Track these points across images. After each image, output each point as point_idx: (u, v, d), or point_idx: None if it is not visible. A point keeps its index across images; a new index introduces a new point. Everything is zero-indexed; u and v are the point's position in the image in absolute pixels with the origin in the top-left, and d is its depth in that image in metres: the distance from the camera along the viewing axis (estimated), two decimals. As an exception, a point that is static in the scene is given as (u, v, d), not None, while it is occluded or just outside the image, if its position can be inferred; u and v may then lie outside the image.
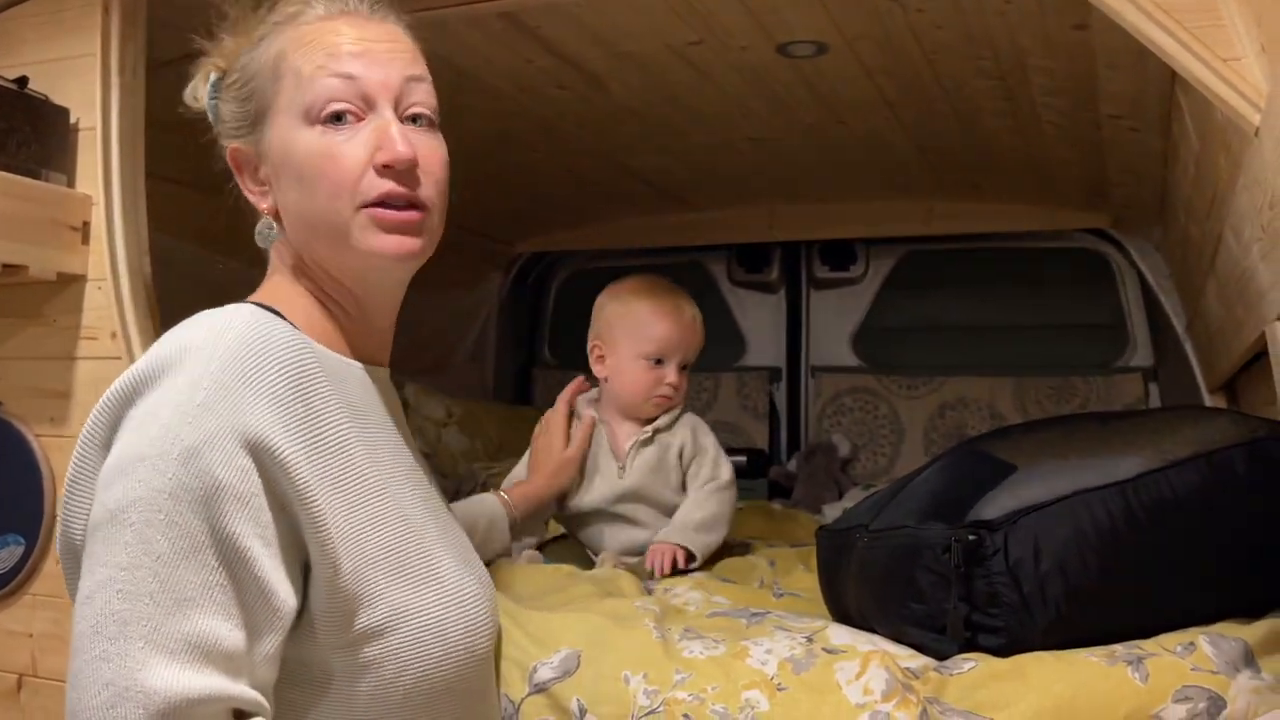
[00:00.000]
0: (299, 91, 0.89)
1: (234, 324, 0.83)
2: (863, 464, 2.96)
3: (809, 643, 1.08)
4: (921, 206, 2.76)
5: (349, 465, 0.84)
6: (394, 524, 0.85)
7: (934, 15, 1.53)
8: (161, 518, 0.73)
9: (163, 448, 0.74)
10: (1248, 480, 1.06)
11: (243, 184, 0.95)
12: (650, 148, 2.35)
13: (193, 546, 0.73)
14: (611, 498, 1.63)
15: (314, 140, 0.89)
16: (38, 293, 1.43)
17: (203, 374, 0.77)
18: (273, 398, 0.79)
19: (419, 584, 0.85)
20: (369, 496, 0.84)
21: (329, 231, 0.90)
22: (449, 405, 2.72)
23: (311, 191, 0.89)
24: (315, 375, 0.84)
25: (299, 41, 0.91)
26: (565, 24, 1.63)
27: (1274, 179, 0.95)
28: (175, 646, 0.71)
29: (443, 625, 0.85)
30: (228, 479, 0.75)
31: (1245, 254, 1.25)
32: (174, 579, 0.72)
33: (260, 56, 0.92)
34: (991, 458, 1.17)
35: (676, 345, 1.62)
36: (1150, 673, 0.97)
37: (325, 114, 0.88)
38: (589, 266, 3.29)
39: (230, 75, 0.95)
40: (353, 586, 0.80)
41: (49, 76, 1.44)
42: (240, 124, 0.94)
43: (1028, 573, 1.03)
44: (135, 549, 0.72)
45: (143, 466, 0.74)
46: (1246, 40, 0.95)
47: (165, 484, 0.73)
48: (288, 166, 0.90)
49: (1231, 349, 1.67)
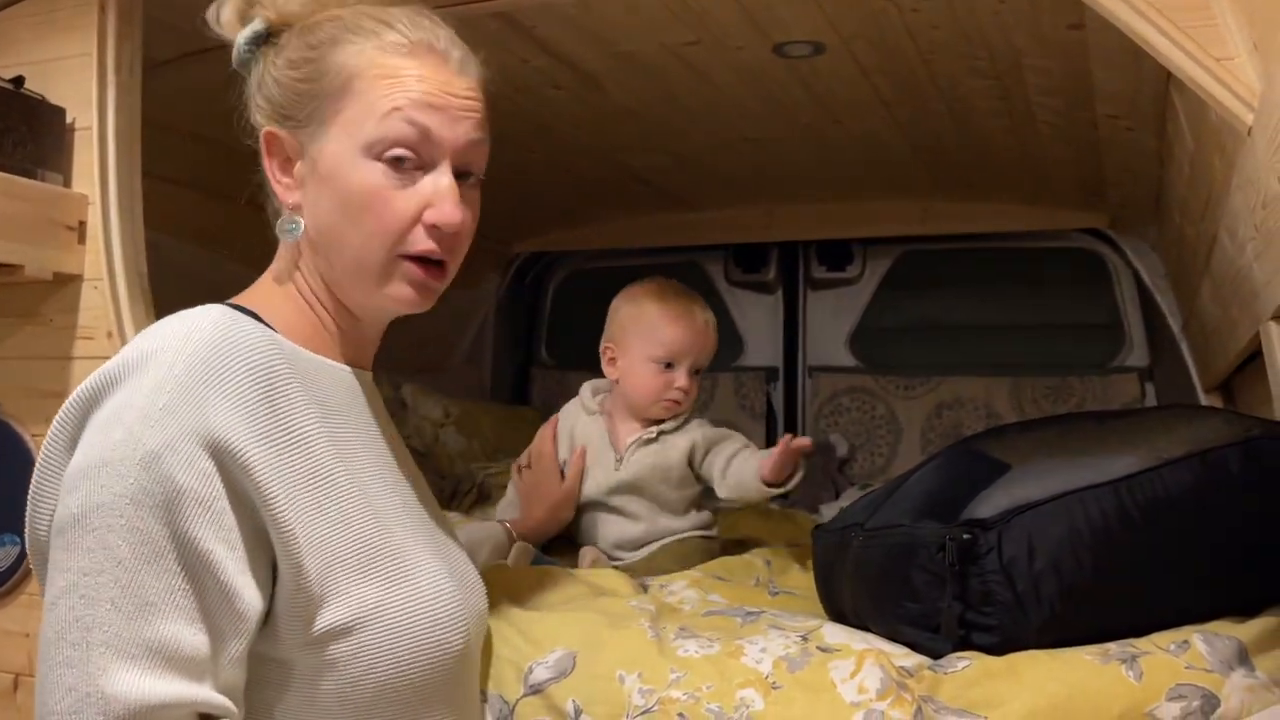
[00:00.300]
0: (368, 121, 0.88)
1: (200, 325, 0.82)
2: (860, 464, 2.96)
3: (804, 641, 1.09)
4: (918, 206, 2.77)
5: (316, 465, 0.83)
6: (363, 523, 0.85)
7: (929, 15, 1.53)
8: (123, 523, 0.73)
9: (124, 452, 0.74)
10: (1242, 479, 1.07)
11: (269, 168, 0.93)
12: (647, 148, 2.35)
13: (154, 552, 0.73)
14: (606, 489, 1.63)
15: (371, 176, 0.88)
16: (34, 292, 1.43)
17: (166, 376, 0.77)
18: (237, 399, 0.79)
19: (388, 582, 0.85)
20: (337, 495, 0.84)
21: (355, 265, 0.90)
22: (446, 405, 2.72)
23: (353, 223, 0.89)
24: (283, 375, 0.84)
25: (380, 70, 0.88)
26: (560, 24, 1.63)
27: (1267, 178, 0.95)
28: (137, 652, 0.71)
29: (412, 623, 0.85)
30: (188, 483, 0.75)
31: (1240, 253, 1.25)
32: (135, 584, 0.72)
33: (332, 59, 0.89)
34: (986, 457, 1.18)
35: (688, 350, 1.63)
36: (1144, 671, 0.97)
37: (389, 156, 0.88)
38: (587, 266, 3.30)
39: (285, 49, 0.91)
40: (317, 585, 0.80)
41: (45, 76, 1.44)
42: (288, 113, 0.91)
43: (1022, 571, 1.03)
44: (97, 554, 0.73)
45: (105, 471, 0.74)
46: (1239, 39, 0.96)
47: (127, 489, 0.73)
48: (334, 186, 0.89)
49: (1227, 348, 1.68)
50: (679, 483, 1.64)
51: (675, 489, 1.64)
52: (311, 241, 0.92)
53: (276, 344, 0.86)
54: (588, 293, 3.33)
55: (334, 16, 0.92)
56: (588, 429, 1.70)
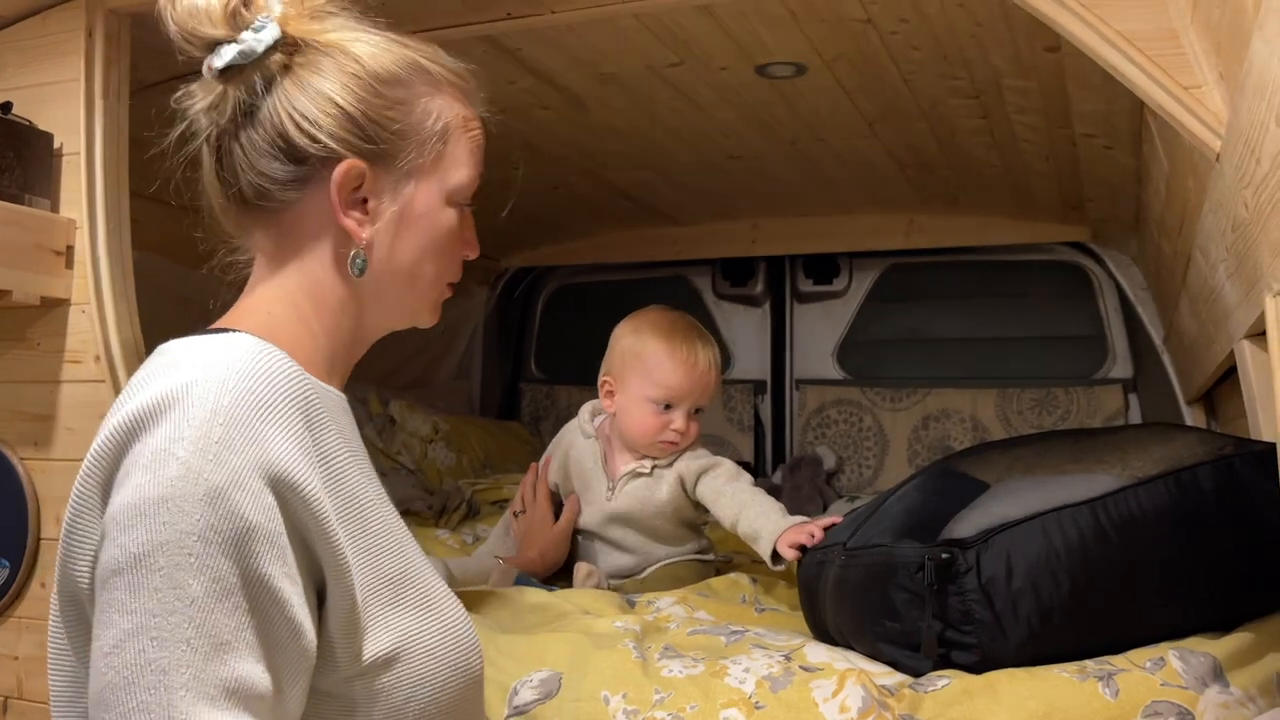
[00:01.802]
0: (459, 172, 0.94)
1: (237, 355, 0.81)
2: (847, 476, 2.98)
3: (787, 661, 1.10)
4: (903, 220, 2.79)
5: (353, 493, 0.84)
6: (392, 551, 0.86)
7: (909, 36, 1.55)
8: (192, 561, 0.71)
9: (185, 488, 0.72)
10: (1215, 497, 1.08)
11: (338, 201, 0.88)
12: (634, 165, 2.37)
13: (225, 590, 0.71)
14: (600, 519, 1.63)
15: (453, 220, 0.94)
16: (21, 316, 1.44)
17: (215, 408, 0.75)
18: (287, 429, 0.78)
19: (417, 609, 0.85)
20: (371, 524, 0.84)
21: (422, 295, 0.96)
22: (435, 421, 2.73)
23: (434, 261, 0.94)
24: (315, 404, 0.84)
25: (462, 122, 0.94)
26: (546, 47, 1.65)
27: (1235, 203, 0.97)
28: (216, 693, 0.70)
29: (442, 649, 0.85)
30: (256, 519, 0.73)
31: (1213, 273, 1.27)
32: (209, 623, 0.71)
33: (425, 103, 0.91)
34: (965, 476, 1.19)
35: (686, 393, 1.59)
36: (1121, 688, 0.99)
37: (463, 205, 0.95)
38: (575, 281, 3.31)
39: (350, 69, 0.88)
40: (364, 616, 0.80)
41: (33, 102, 1.45)
42: (378, 148, 0.89)
43: (1000, 590, 1.05)
44: (166, 594, 0.70)
45: (166, 508, 0.72)
46: (1206, 68, 0.98)
47: (193, 526, 0.71)
48: (422, 228, 0.93)
49: (1205, 364, 1.70)
50: (672, 515, 1.63)
51: (669, 521, 1.63)
52: (379, 273, 0.92)
53: (303, 373, 0.85)
54: (576, 307, 3.35)
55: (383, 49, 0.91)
56: (583, 453, 1.68)
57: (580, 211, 2.80)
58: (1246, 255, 1.00)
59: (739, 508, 1.55)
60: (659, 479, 1.62)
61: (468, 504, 2.32)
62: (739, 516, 1.55)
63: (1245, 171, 0.89)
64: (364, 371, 1.03)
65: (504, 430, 3.04)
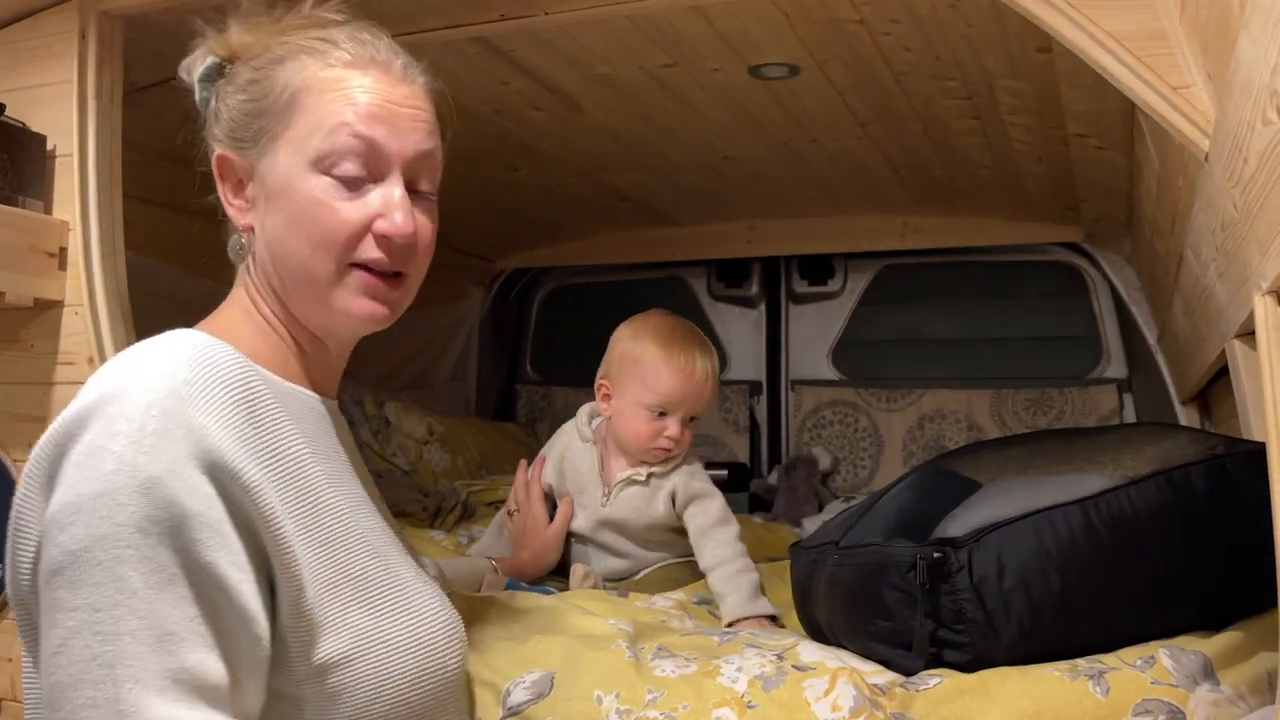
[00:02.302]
0: (314, 137, 0.88)
1: (174, 350, 0.81)
2: (843, 476, 2.98)
3: (779, 660, 1.10)
4: (897, 221, 2.80)
5: (307, 486, 0.82)
6: (357, 548, 0.84)
7: (900, 37, 1.56)
8: (131, 552, 0.70)
9: (121, 481, 0.72)
10: (1206, 496, 1.09)
11: (223, 193, 0.92)
12: (628, 166, 2.37)
13: (167, 579, 0.71)
14: (593, 524, 1.63)
15: (318, 188, 0.88)
16: (15, 318, 1.44)
17: (150, 401, 0.75)
18: (224, 419, 0.77)
19: (385, 608, 0.84)
20: (329, 519, 0.83)
21: (305, 278, 0.89)
22: (430, 422, 2.73)
23: (302, 236, 0.88)
24: (264, 396, 0.83)
25: (324, 85, 0.89)
26: (538, 48, 1.65)
27: (1224, 202, 0.98)
28: (165, 683, 0.69)
29: (412, 648, 0.84)
30: (194, 506, 0.73)
31: (1204, 272, 1.27)
32: (153, 614, 0.70)
33: (276, 78, 0.90)
34: (957, 476, 1.20)
35: (681, 401, 1.58)
36: (1111, 687, 0.99)
37: (338, 173, 0.88)
38: (571, 282, 3.32)
39: (236, 77, 0.92)
40: (316, 612, 0.78)
41: (26, 103, 1.45)
42: (237, 135, 0.91)
43: (992, 589, 1.05)
44: (108, 588, 0.70)
45: (102, 502, 0.71)
46: (1194, 68, 0.98)
47: (130, 517, 0.71)
48: (283, 202, 0.89)
49: (1198, 363, 1.70)
50: (664, 524, 1.62)
51: (661, 530, 1.63)
52: (263, 261, 0.91)
53: (253, 368, 0.85)
54: (572, 308, 3.36)
55: (281, 42, 0.93)
56: (579, 456, 1.68)
57: (575, 213, 2.80)
58: (1236, 254, 1.00)
59: (714, 563, 1.53)
60: (655, 490, 1.61)
61: (463, 505, 2.31)
62: (714, 571, 1.52)
63: (1233, 170, 0.90)
64: (359, 373, 1.03)
65: (499, 432, 3.04)
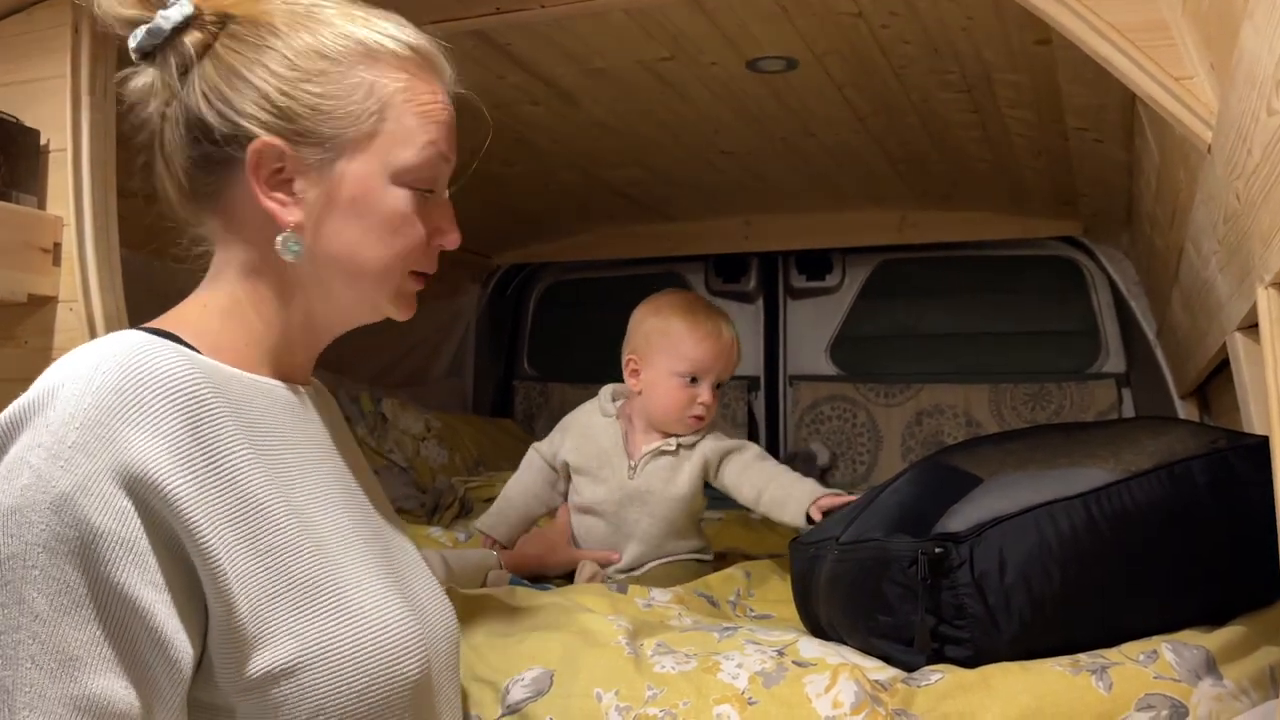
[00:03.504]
0: (402, 151, 0.87)
1: (110, 353, 0.76)
2: (841, 472, 2.98)
3: (780, 656, 1.09)
4: (896, 216, 2.79)
5: (246, 495, 0.78)
6: (301, 555, 0.80)
7: (900, 30, 1.55)
8: (37, 573, 0.67)
9: (33, 496, 0.68)
10: (1207, 490, 1.08)
11: (258, 183, 0.85)
12: (625, 161, 2.36)
13: (74, 601, 0.68)
14: (617, 498, 1.64)
15: (403, 202, 0.88)
16: (9, 314, 1.43)
17: (74, 411, 0.71)
18: (155, 429, 0.73)
19: (330, 616, 0.79)
20: (270, 527, 0.79)
21: (374, 284, 0.90)
22: (428, 419, 2.72)
23: (381, 246, 0.88)
24: (206, 401, 0.78)
25: (408, 96, 0.87)
26: (536, 41, 1.64)
27: (1226, 194, 0.97)
28: (64, 711, 0.66)
29: (360, 657, 0.80)
30: (105, 525, 0.69)
31: (1205, 266, 1.27)
32: (56, 638, 0.67)
33: (356, 76, 0.86)
34: (958, 470, 1.19)
35: (712, 366, 1.64)
36: (1114, 682, 0.98)
37: (420, 186, 0.89)
38: (568, 278, 3.31)
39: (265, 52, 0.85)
40: (251, 625, 0.74)
41: (19, 98, 1.44)
42: (301, 127, 0.85)
43: (993, 584, 1.04)
44: (11, 609, 0.67)
45: (13, 519, 0.68)
46: (1197, 59, 0.97)
47: (38, 536, 0.68)
48: (362, 210, 0.87)
49: (1198, 357, 1.70)
50: (689, 498, 1.65)
51: (685, 504, 1.65)
52: (320, 261, 0.87)
53: (198, 367, 0.80)
54: (569, 304, 3.35)
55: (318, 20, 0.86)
56: (601, 432, 1.70)
57: (572, 208, 2.79)
58: (1238, 247, 1.00)
59: (768, 479, 1.61)
60: (683, 459, 1.65)
61: (460, 502, 2.31)
62: (767, 486, 1.60)
63: (1236, 162, 0.89)
64: (356, 370, 1.01)
65: (497, 428, 3.04)
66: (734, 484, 1.64)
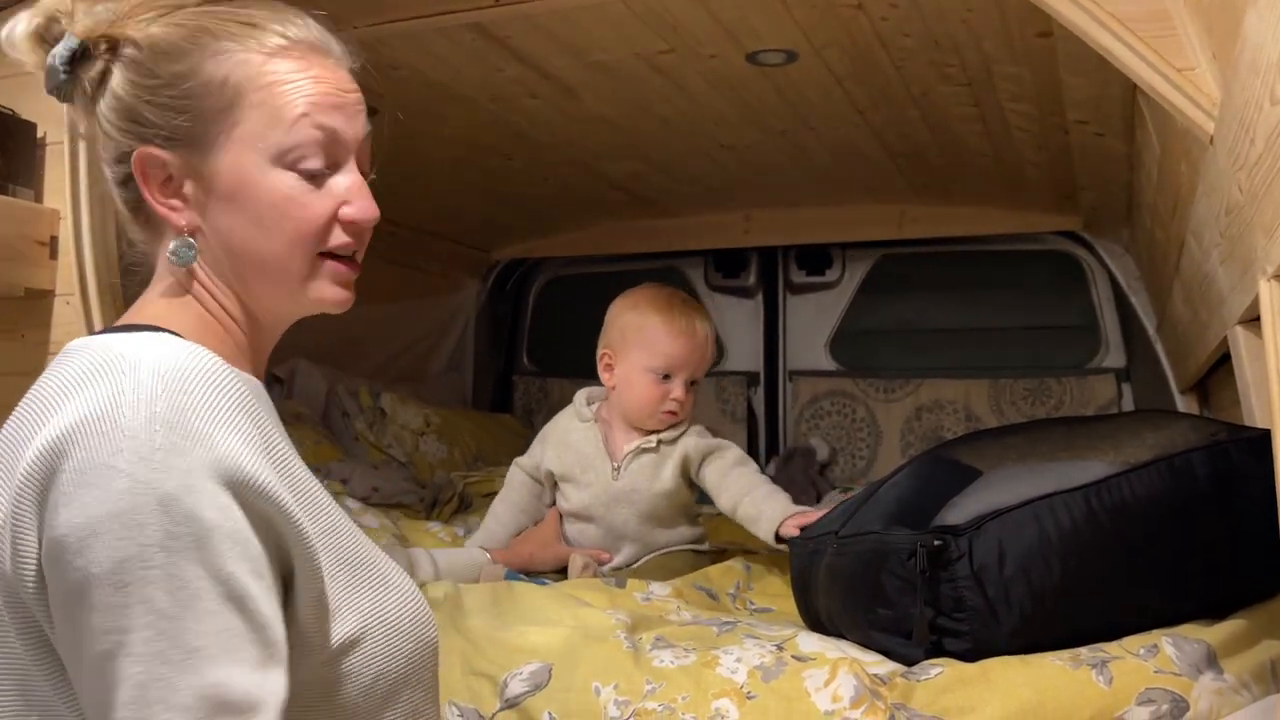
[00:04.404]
0: (272, 132, 0.85)
1: (165, 356, 0.78)
2: (841, 467, 2.97)
3: (779, 650, 1.09)
4: (895, 210, 2.78)
5: (300, 481, 0.82)
6: (345, 534, 0.85)
7: (900, 23, 1.54)
8: (157, 571, 0.70)
9: (136, 500, 0.70)
10: (1208, 483, 1.08)
11: (149, 192, 0.87)
12: (624, 155, 2.35)
13: (192, 595, 0.71)
14: (603, 499, 1.64)
15: (285, 184, 0.86)
16: (6, 308, 1.43)
17: (151, 415, 0.73)
18: (229, 425, 0.77)
19: (376, 587, 0.85)
20: (322, 510, 0.83)
21: (277, 274, 0.88)
22: (427, 414, 2.72)
23: (271, 233, 0.87)
24: (245, 395, 0.82)
25: (270, 78, 0.86)
26: (534, 34, 1.63)
27: (1229, 186, 0.97)
28: (193, 702, 0.69)
29: (402, 623, 0.85)
30: (214, 519, 0.72)
31: (1206, 259, 1.26)
32: (180, 633, 0.70)
33: (208, 71, 0.85)
34: (957, 463, 1.19)
35: (685, 362, 1.63)
36: (1114, 675, 0.98)
37: (303, 166, 0.86)
38: (567, 273, 3.30)
39: (132, 65, 0.86)
40: (330, 599, 0.80)
41: (15, 91, 1.43)
42: (167, 133, 0.86)
43: (992, 577, 1.04)
44: (136, 609, 0.70)
45: (119, 523, 0.70)
46: (1199, 49, 0.97)
47: (152, 536, 0.70)
48: (242, 201, 0.86)
49: (1198, 351, 1.69)
50: (674, 492, 1.64)
51: (671, 499, 1.64)
52: (215, 259, 0.88)
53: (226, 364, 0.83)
54: (568, 299, 3.34)
55: (178, 24, 0.87)
56: (580, 438, 1.69)
57: (571, 203, 2.79)
58: (1240, 239, 0.99)
59: (743, 492, 1.58)
60: (665, 455, 1.64)
61: (459, 497, 2.31)
62: (742, 499, 1.58)
63: (1239, 153, 0.89)
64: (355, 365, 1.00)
65: (496, 423, 3.03)
66: (713, 489, 1.63)
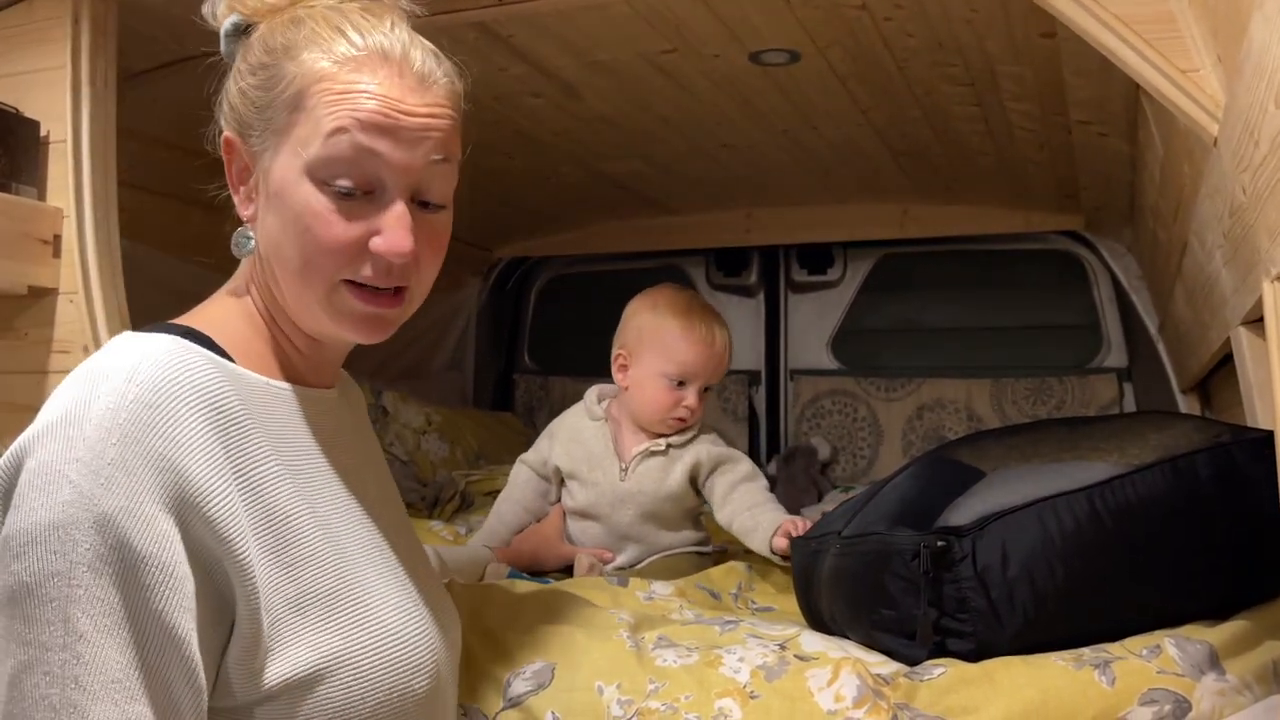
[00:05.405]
0: (313, 142, 0.81)
1: (144, 362, 0.75)
2: (842, 466, 2.97)
3: (781, 650, 1.09)
4: (897, 210, 2.79)
5: (274, 507, 0.78)
6: (326, 566, 0.80)
7: (903, 23, 1.54)
8: (81, 592, 0.67)
9: (75, 514, 0.68)
10: (1212, 485, 1.08)
11: (229, 176, 0.87)
12: (626, 154, 2.35)
13: (115, 623, 0.68)
14: (609, 500, 1.63)
15: (313, 198, 0.81)
16: (9, 306, 1.43)
17: (111, 425, 0.71)
18: (190, 446, 0.73)
19: (351, 627, 0.80)
20: (296, 540, 0.79)
21: (299, 284, 0.84)
22: (428, 412, 2.72)
23: (295, 246, 0.82)
24: (235, 411, 0.78)
25: (327, 86, 0.81)
26: (538, 34, 1.64)
27: (1233, 188, 0.97)
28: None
29: (376, 670, 0.80)
30: (147, 549, 0.69)
31: (1209, 260, 1.27)
32: (99, 660, 0.67)
33: (285, 66, 0.83)
34: (960, 464, 1.19)
35: (701, 371, 1.61)
36: (1117, 676, 0.98)
37: (335, 186, 0.81)
38: (568, 271, 3.30)
39: (250, 51, 0.86)
40: (270, 636, 0.75)
41: (19, 89, 1.43)
42: (245, 121, 0.85)
43: (996, 578, 1.04)
44: (57, 628, 0.67)
45: (56, 536, 0.68)
46: (1204, 51, 0.97)
47: (83, 555, 0.67)
48: (279, 205, 0.83)
49: (1200, 352, 1.69)
50: (681, 497, 1.64)
51: (677, 503, 1.64)
52: (266, 257, 0.86)
53: (226, 374, 0.80)
54: (570, 297, 3.34)
55: (296, 18, 0.85)
56: (589, 435, 1.68)
57: (573, 201, 2.79)
58: (1244, 240, 0.99)
59: (744, 507, 1.58)
60: (674, 459, 1.63)
61: (461, 495, 2.31)
62: (738, 514, 1.58)
63: (1243, 155, 0.89)
64: (356, 363, 0.98)
65: (497, 421, 3.03)
66: (717, 501, 1.63)
